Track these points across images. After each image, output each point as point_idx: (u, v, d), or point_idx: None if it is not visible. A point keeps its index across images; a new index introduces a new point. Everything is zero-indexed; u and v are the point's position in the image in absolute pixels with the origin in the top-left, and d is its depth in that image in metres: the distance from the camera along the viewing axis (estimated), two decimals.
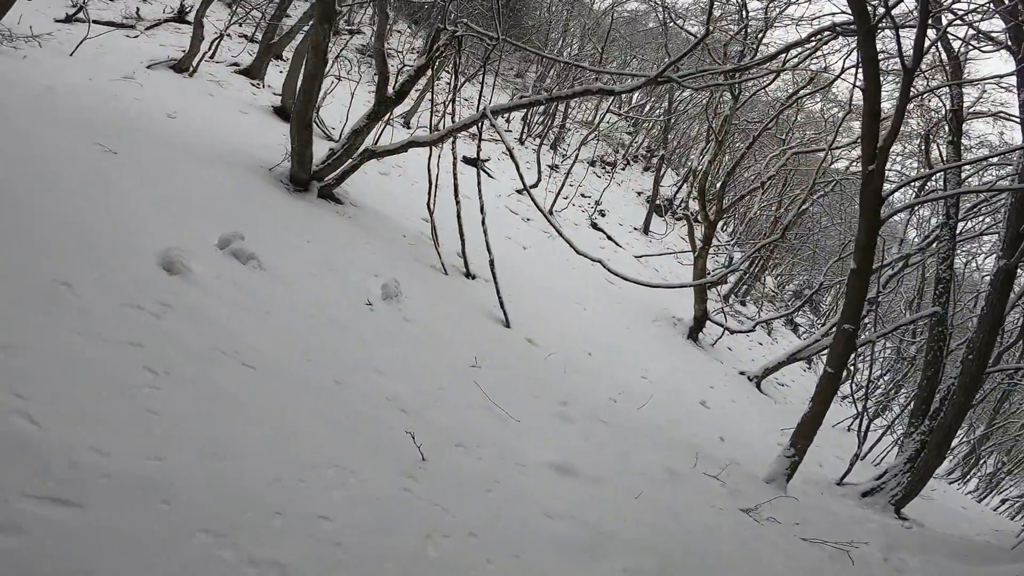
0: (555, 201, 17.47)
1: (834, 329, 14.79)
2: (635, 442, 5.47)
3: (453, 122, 9.00)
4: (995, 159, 8.80)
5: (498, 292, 7.95)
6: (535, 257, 13.59)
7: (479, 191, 8.37)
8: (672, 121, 25.75)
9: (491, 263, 8.14)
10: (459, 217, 8.68)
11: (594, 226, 19.43)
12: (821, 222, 24.70)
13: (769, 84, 14.77)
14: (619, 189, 25.54)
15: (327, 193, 8.45)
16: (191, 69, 13.07)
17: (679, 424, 8.14)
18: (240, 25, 18.47)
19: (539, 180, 18.29)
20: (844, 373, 8.39)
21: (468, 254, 8.88)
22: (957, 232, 11.79)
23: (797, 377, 18.92)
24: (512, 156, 8.54)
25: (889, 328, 10.63)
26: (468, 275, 8.94)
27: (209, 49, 14.32)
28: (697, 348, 14.03)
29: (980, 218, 14.51)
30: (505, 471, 3.91)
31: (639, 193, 25.93)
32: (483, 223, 8.25)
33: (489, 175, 18.72)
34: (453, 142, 9.69)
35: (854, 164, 19.41)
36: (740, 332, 15.80)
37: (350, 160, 8.55)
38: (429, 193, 8.98)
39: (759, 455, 7.71)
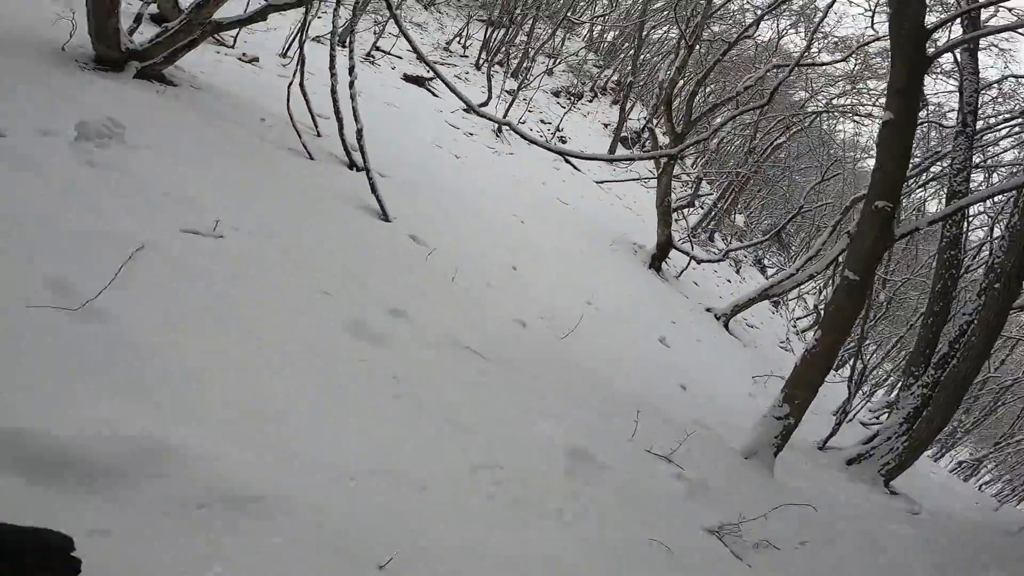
0: (505, 116, 14.44)
1: (807, 264, 12.30)
2: (527, 398, 2.84)
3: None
4: None
5: (368, 172, 5.13)
6: (470, 169, 10.70)
7: (350, 56, 5.45)
8: (641, 58, 22.28)
9: (358, 133, 5.32)
10: (334, 92, 5.84)
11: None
12: (798, 161, 21.96)
13: None
14: (584, 120, 22.44)
15: (154, 74, 5.81)
16: None
17: (623, 367, 5.58)
18: None
19: (488, 99, 15.15)
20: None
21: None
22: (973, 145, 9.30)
23: (766, 319, 16.63)
24: (424, 59, 5.59)
25: (952, 208, 5.73)
26: (351, 166, 6.12)
27: None
28: (659, 278, 11.48)
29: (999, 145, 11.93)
30: None
31: (605, 125, 22.85)
32: (351, 85, 5.37)
33: (434, 94, 15.54)
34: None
35: (839, 99, 16.30)
36: (708, 262, 13.24)
37: (189, 37, 5.85)
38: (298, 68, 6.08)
39: (731, 411, 5.23)
